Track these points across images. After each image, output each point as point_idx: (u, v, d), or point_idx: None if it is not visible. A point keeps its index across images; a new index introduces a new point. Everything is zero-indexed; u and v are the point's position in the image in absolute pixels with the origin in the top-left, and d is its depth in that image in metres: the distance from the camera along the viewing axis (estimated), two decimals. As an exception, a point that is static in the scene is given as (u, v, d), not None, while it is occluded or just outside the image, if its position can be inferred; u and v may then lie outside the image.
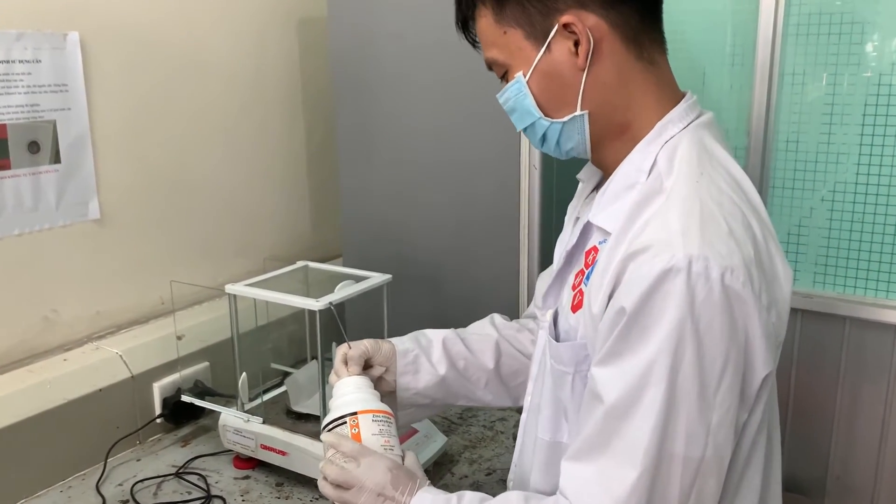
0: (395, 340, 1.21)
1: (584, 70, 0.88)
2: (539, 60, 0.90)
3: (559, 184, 1.67)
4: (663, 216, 0.81)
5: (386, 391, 1.17)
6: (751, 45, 1.85)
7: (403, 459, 1.01)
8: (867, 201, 1.82)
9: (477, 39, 0.98)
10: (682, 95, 0.95)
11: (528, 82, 0.92)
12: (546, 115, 0.93)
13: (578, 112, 0.91)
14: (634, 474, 0.79)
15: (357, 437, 1.01)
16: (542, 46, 0.89)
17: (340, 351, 1.15)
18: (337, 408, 1.06)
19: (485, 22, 0.94)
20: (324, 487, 1.00)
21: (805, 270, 1.91)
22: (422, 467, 1.04)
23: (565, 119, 0.92)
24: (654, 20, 0.92)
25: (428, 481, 1.00)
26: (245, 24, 1.92)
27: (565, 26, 0.87)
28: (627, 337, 0.80)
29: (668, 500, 0.80)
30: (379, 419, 1.04)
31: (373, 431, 1.03)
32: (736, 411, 0.80)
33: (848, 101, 1.81)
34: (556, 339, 0.98)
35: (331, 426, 1.04)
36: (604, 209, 0.92)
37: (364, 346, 1.16)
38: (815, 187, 1.88)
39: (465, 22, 0.98)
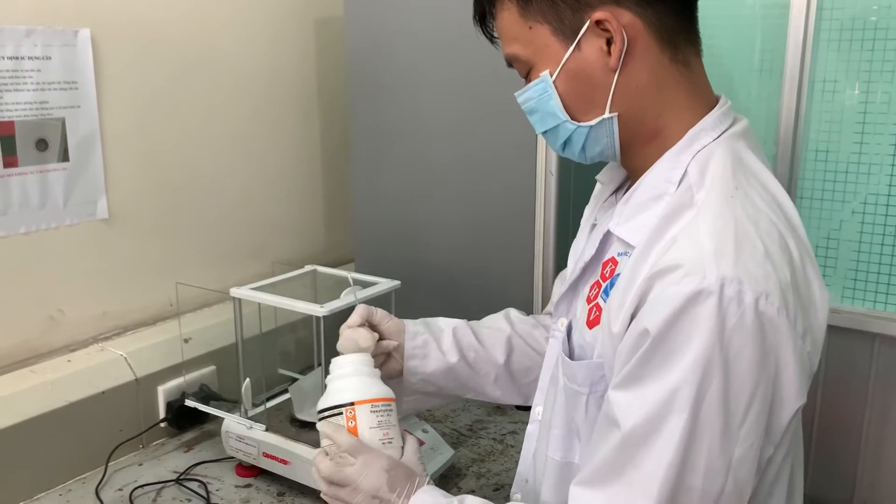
0: (405, 321, 1.15)
1: (615, 71, 0.83)
2: (567, 59, 0.84)
3: (576, 186, 1.63)
4: (694, 233, 0.76)
5: (392, 374, 1.11)
6: (780, 52, 1.79)
7: (403, 450, 0.96)
8: (900, 214, 1.75)
9: (496, 35, 0.93)
10: (717, 100, 0.89)
11: (554, 82, 0.86)
12: (572, 117, 0.87)
13: (607, 115, 0.85)
14: None
15: (353, 431, 0.95)
16: (572, 44, 0.84)
17: (355, 314, 1.09)
18: (333, 393, 0.98)
19: (508, 16, 0.88)
20: (318, 480, 0.95)
21: (834, 285, 1.84)
22: (420, 456, 0.98)
23: (593, 122, 0.86)
24: (690, 20, 0.87)
25: (428, 477, 0.95)
26: (260, 23, 1.89)
27: (598, 23, 0.82)
28: (650, 361, 0.75)
29: None
30: (378, 409, 0.97)
31: (371, 424, 0.96)
32: (760, 446, 0.75)
33: (881, 110, 1.74)
34: (570, 355, 0.93)
35: (326, 414, 0.97)
36: (627, 220, 0.86)
37: (372, 309, 1.10)
38: (846, 199, 1.81)
39: (484, 16, 0.93)
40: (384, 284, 1.47)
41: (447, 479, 1.46)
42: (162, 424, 1.60)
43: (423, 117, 1.77)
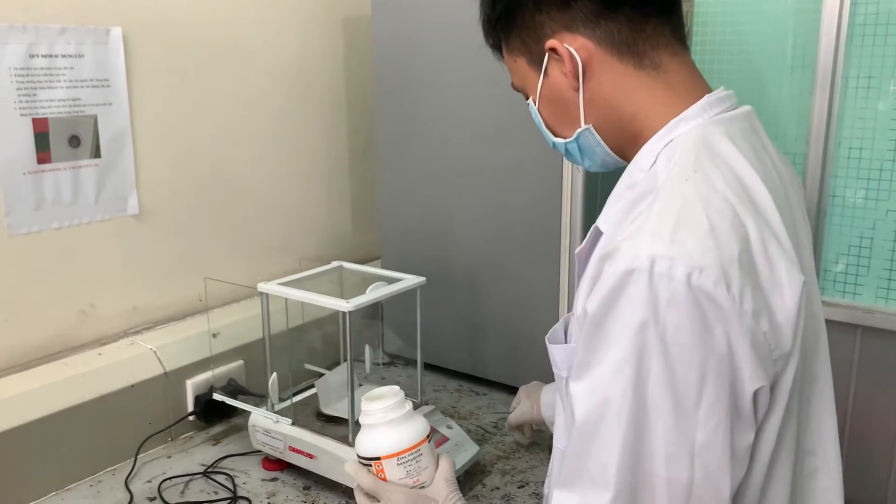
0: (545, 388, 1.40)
1: (577, 89, 0.89)
2: (542, 86, 0.92)
3: (603, 187, 1.61)
4: (645, 215, 0.76)
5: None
6: (812, 49, 1.76)
7: (434, 476, 1.04)
8: (935, 213, 1.72)
9: None
10: (705, 94, 0.88)
11: (538, 108, 0.95)
12: (557, 135, 0.96)
13: (582, 127, 0.91)
14: (608, 496, 0.74)
15: (384, 480, 1.03)
16: (541, 72, 0.91)
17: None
18: (363, 441, 1.05)
19: (504, 53, 0.98)
20: None
21: (867, 285, 1.81)
22: (455, 479, 1.03)
23: (573, 137, 0.93)
24: (661, 22, 0.87)
25: (458, 499, 1.00)
26: (288, 21, 1.91)
27: (552, 50, 0.88)
28: (593, 345, 0.74)
29: None
30: (405, 460, 1.02)
31: (399, 476, 1.02)
32: (728, 431, 0.72)
33: (918, 107, 1.71)
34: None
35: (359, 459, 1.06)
36: (605, 210, 0.90)
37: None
38: (880, 198, 1.78)
39: (496, 49, 1.01)
40: (409, 281, 1.47)
41: (472, 476, 1.46)
42: (190, 418, 1.62)
43: (449, 116, 1.77)
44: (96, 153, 1.54)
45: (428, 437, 1.06)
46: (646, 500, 0.74)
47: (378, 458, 1.02)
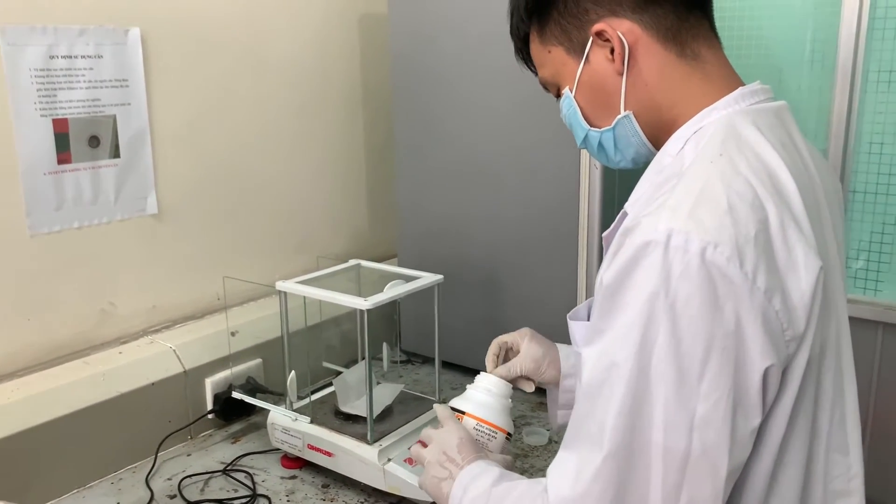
0: (561, 353, 1.23)
1: (622, 74, 0.89)
2: (581, 73, 0.92)
3: (621, 186, 1.61)
4: (668, 194, 0.78)
5: (551, 382, 1.22)
6: (832, 44, 1.75)
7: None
8: (958, 208, 1.70)
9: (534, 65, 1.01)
10: (739, 86, 0.90)
11: (574, 96, 0.94)
12: (594, 125, 0.95)
13: (622, 114, 0.91)
14: (600, 457, 0.75)
15: None
16: (582, 59, 0.91)
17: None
18: (461, 398, 1.16)
19: (533, 45, 0.98)
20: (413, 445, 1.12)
21: (888, 281, 1.80)
22: (511, 465, 1.08)
23: (612, 124, 0.93)
24: (701, 15, 0.90)
25: (497, 463, 1.02)
26: (306, 21, 1.91)
27: (598, 34, 0.89)
28: (605, 313, 0.77)
29: (649, 498, 0.75)
30: (481, 430, 1.11)
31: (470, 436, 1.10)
32: (730, 409, 0.73)
33: (940, 101, 1.69)
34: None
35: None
36: (633, 194, 0.91)
37: (521, 366, 1.20)
38: (902, 193, 1.76)
39: (522, 50, 1.01)
40: (427, 279, 1.47)
41: (490, 474, 1.46)
42: (209, 416, 1.63)
43: (467, 114, 1.77)
44: (116, 153, 1.55)
45: (509, 435, 1.14)
46: (641, 466, 0.75)
47: (463, 413, 1.12)
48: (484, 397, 1.14)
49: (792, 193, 0.79)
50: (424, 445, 1.09)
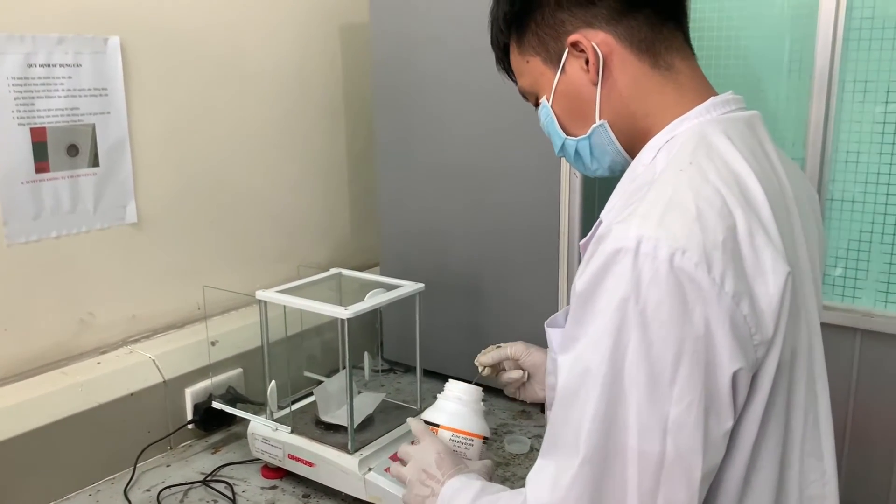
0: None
1: (597, 84, 0.91)
2: (557, 82, 0.94)
3: (601, 193, 1.61)
4: (639, 202, 0.79)
5: (532, 398, 1.28)
6: (809, 53, 1.77)
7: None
8: (933, 216, 1.72)
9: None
10: (712, 96, 0.92)
11: (551, 106, 0.96)
12: (570, 133, 0.97)
13: (598, 122, 0.92)
14: (576, 462, 0.76)
15: None
16: (559, 69, 0.93)
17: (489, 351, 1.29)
18: (433, 410, 1.17)
19: (512, 55, 0.99)
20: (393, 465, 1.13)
21: (866, 288, 1.82)
22: (492, 470, 1.10)
23: (588, 133, 0.94)
24: (675, 27, 0.92)
25: (477, 475, 1.04)
26: (287, 30, 1.91)
27: (574, 45, 0.90)
28: (580, 319, 0.78)
29: (626, 502, 0.76)
30: (458, 440, 1.12)
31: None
32: (703, 412, 0.74)
33: (914, 110, 1.71)
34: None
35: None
36: (609, 202, 0.92)
37: (510, 350, 1.27)
38: (877, 201, 1.78)
39: (502, 60, 1.03)
40: (408, 287, 1.47)
41: (472, 483, 1.46)
42: (189, 426, 1.62)
43: (448, 123, 1.77)
44: (95, 162, 1.54)
45: (486, 439, 1.15)
46: (617, 471, 0.76)
47: (437, 426, 1.13)
48: (455, 406, 1.15)
49: (760, 201, 0.81)
50: (404, 463, 1.10)
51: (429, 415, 1.16)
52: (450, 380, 1.19)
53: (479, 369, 1.28)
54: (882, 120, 1.76)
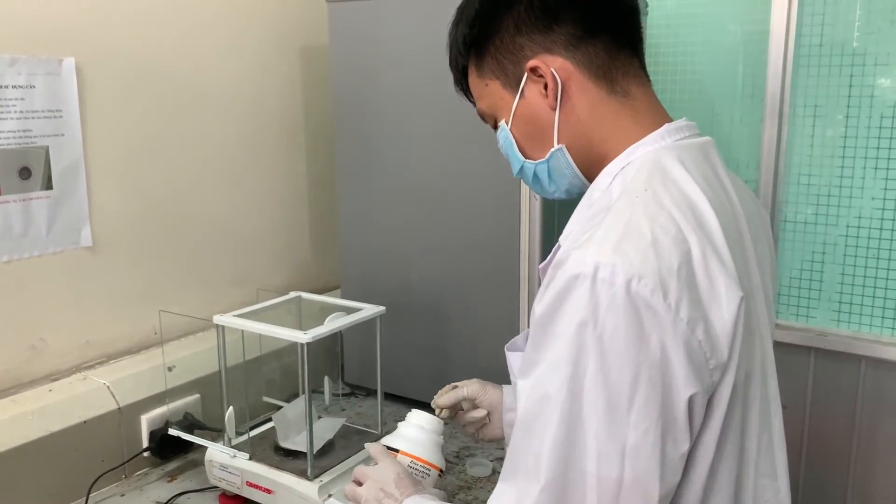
0: (505, 388, 1.27)
1: (555, 109, 0.92)
2: (516, 106, 0.95)
3: (560, 217, 1.63)
4: (596, 228, 0.81)
5: (494, 438, 1.28)
6: (761, 78, 1.81)
7: None
8: (882, 237, 1.77)
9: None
10: (667, 123, 0.93)
11: (510, 129, 0.97)
12: (529, 157, 0.97)
13: (556, 147, 0.93)
14: (537, 488, 0.77)
15: None
16: (517, 93, 0.94)
17: (447, 389, 1.28)
18: (394, 436, 1.19)
19: (471, 78, 1.00)
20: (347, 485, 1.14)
21: (820, 308, 1.85)
22: (446, 500, 1.08)
23: (545, 157, 0.95)
24: (631, 53, 0.94)
25: (434, 497, 1.05)
26: (245, 52, 1.90)
27: (533, 70, 0.91)
28: (539, 344, 0.79)
29: None
30: (416, 467, 1.14)
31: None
32: (660, 436, 0.75)
33: (863, 134, 1.76)
34: None
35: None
36: (567, 227, 0.94)
37: (467, 390, 1.27)
38: (829, 223, 1.83)
39: (461, 82, 1.03)
40: (369, 310, 1.46)
41: (433, 507, 1.44)
42: (145, 454, 1.58)
43: (408, 144, 1.77)
44: (48, 185, 1.51)
45: (442, 472, 1.18)
46: (577, 496, 0.76)
47: (397, 451, 1.15)
48: (416, 434, 1.16)
49: (714, 227, 0.82)
50: (359, 484, 1.10)
51: (389, 440, 1.16)
52: (413, 409, 1.20)
53: (437, 412, 1.27)
54: (832, 143, 1.80)
